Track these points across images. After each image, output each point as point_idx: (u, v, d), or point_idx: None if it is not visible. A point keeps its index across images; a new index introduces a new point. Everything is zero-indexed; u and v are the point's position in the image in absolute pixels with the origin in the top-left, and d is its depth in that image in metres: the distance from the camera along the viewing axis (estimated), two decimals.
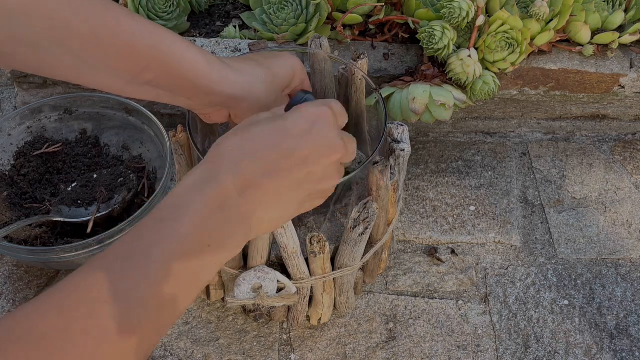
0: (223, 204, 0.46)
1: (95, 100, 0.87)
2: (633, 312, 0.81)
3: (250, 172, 0.47)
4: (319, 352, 0.76)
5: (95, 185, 0.82)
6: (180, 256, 0.43)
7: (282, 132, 0.49)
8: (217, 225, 0.46)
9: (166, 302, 0.42)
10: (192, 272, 0.44)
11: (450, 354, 0.76)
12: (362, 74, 0.71)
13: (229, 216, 0.46)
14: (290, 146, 0.48)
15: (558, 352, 0.77)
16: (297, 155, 0.48)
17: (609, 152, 0.99)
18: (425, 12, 0.87)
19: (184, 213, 0.45)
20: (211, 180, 0.47)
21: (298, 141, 0.48)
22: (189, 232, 0.44)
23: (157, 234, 0.43)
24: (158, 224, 0.44)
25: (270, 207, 0.49)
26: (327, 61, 0.73)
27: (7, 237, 0.76)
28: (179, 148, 0.65)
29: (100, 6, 0.50)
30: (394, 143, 0.67)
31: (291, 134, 0.48)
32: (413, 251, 0.86)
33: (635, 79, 0.92)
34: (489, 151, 0.99)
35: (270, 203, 0.48)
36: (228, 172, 0.47)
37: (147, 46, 0.52)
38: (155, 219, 0.45)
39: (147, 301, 0.41)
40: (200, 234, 0.45)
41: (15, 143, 0.86)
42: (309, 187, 0.50)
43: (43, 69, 0.52)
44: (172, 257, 0.43)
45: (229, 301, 0.68)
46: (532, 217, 0.91)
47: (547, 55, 0.91)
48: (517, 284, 0.83)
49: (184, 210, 0.45)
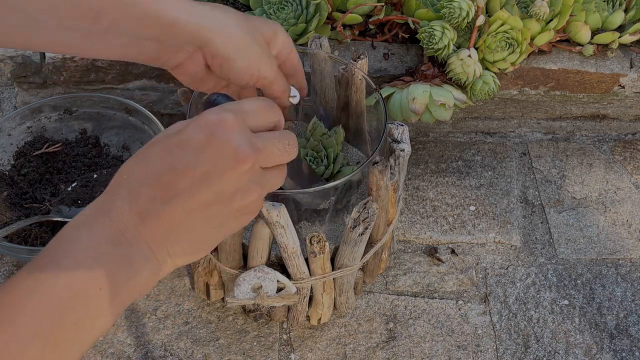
0: (118, 238, 0.40)
1: (95, 100, 0.87)
2: (633, 312, 0.81)
3: (147, 199, 0.41)
4: (319, 352, 0.76)
5: (95, 185, 0.82)
6: (59, 308, 0.38)
7: (176, 149, 0.42)
8: (110, 263, 0.40)
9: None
10: (75, 324, 0.38)
11: (450, 354, 0.76)
12: (362, 74, 0.71)
13: (127, 252, 0.41)
14: (186, 164, 0.42)
15: (558, 352, 0.77)
16: (195, 174, 0.42)
17: (609, 152, 0.99)
18: (425, 12, 0.87)
19: (65, 254, 0.39)
20: (103, 212, 0.41)
21: (194, 157, 0.42)
22: (71, 275, 0.38)
23: (33, 282, 0.38)
24: (35, 272, 0.38)
25: (181, 236, 0.43)
26: (327, 61, 0.73)
27: (7, 237, 0.76)
28: None
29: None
30: (394, 143, 0.67)
31: (186, 150, 0.42)
32: (413, 251, 0.86)
33: (635, 79, 0.92)
34: (489, 151, 0.99)
35: (179, 232, 0.42)
36: (123, 201, 0.41)
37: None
38: (33, 267, 0.39)
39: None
40: (87, 276, 0.39)
41: (15, 143, 0.86)
42: (222, 208, 0.44)
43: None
44: (47, 311, 0.37)
45: (228, 301, 0.68)
46: (532, 217, 0.91)
47: (547, 55, 0.91)
48: (517, 283, 0.83)
49: (66, 250, 0.39)
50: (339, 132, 0.76)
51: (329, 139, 0.75)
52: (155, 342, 0.76)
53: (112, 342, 0.76)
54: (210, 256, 0.69)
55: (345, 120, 0.78)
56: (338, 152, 0.75)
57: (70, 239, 0.40)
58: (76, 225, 0.41)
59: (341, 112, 0.78)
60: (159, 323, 0.78)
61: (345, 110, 0.77)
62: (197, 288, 0.76)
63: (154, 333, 0.77)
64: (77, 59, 0.86)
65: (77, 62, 0.86)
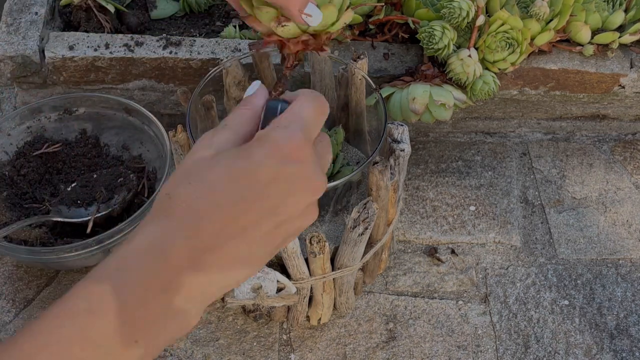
0: (169, 284, 0.37)
1: (95, 100, 0.87)
2: (633, 312, 0.81)
3: (209, 234, 0.38)
4: (319, 352, 0.76)
5: (95, 185, 0.82)
6: None
7: (244, 179, 0.39)
8: (154, 312, 0.37)
9: None
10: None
11: (450, 354, 0.76)
12: (362, 74, 0.71)
13: (171, 299, 0.37)
14: (255, 197, 0.38)
15: (558, 352, 0.77)
16: (264, 207, 0.39)
17: (609, 152, 0.99)
18: (425, 12, 0.87)
19: (107, 297, 0.36)
20: (161, 247, 0.37)
21: (265, 189, 0.39)
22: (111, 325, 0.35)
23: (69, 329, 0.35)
24: (70, 318, 0.35)
25: (225, 270, 0.39)
26: (327, 61, 0.73)
27: (7, 237, 0.76)
28: (179, 148, 0.65)
29: None
30: (394, 143, 0.67)
31: (258, 180, 0.39)
32: (413, 251, 0.86)
33: (635, 79, 0.92)
34: (489, 151, 0.99)
35: (225, 267, 0.39)
36: (181, 236, 0.37)
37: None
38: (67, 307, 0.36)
39: None
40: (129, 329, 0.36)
41: (15, 143, 0.86)
42: (278, 238, 0.41)
43: None
44: None
45: (228, 301, 0.68)
46: (532, 217, 0.90)
47: (547, 55, 0.91)
48: (517, 284, 0.83)
49: (109, 294, 0.36)
50: (339, 132, 0.76)
51: None
52: None
53: None
54: None
55: (345, 120, 0.78)
56: (338, 152, 0.75)
57: (119, 283, 0.36)
58: (125, 264, 0.37)
59: (341, 112, 0.78)
60: None
61: (345, 110, 0.77)
62: None
63: None
64: (77, 59, 0.86)
65: (77, 62, 0.86)
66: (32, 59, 0.87)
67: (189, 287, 0.38)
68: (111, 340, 0.36)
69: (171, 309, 0.37)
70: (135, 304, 0.36)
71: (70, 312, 0.36)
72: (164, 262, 0.37)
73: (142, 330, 0.37)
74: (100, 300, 0.36)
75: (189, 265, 0.37)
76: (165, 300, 0.37)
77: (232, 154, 0.40)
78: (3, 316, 0.78)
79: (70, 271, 0.82)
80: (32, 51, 0.86)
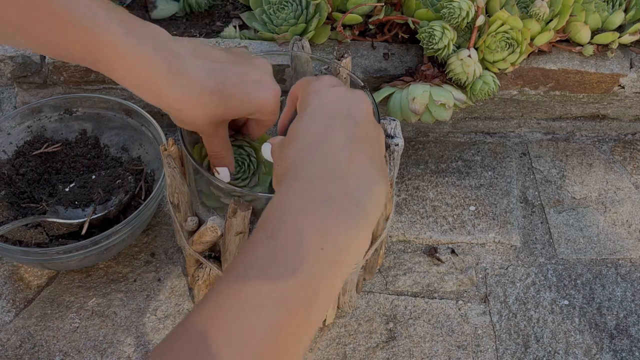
0: None
1: (95, 101, 0.87)
2: (633, 312, 0.81)
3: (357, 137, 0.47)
4: (319, 352, 0.76)
5: (93, 186, 0.81)
6: None
7: (367, 142, 0.48)
8: None
9: None
10: None
11: (450, 354, 0.76)
12: (347, 72, 0.71)
13: None
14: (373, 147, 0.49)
15: (558, 352, 0.77)
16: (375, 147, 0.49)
17: (609, 152, 0.99)
18: (425, 12, 0.87)
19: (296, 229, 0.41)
20: None
21: (377, 142, 0.49)
22: None
23: None
24: None
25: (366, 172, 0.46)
26: (309, 62, 0.73)
27: (3, 237, 0.76)
28: (171, 161, 0.62)
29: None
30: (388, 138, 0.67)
31: (373, 142, 0.48)
32: (413, 251, 0.86)
33: (635, 79, 0.92)
34: (489, 151, 0.99)
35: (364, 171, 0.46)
36: None
37: None
38: None
39: None
40: None
41: (15, 142, 0.86)
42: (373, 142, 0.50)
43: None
44: None
45: None
46: (532, 217, 0.91)
47: (547, 55, 0.91)
48: (517, 284, 0.83)
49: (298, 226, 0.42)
50: None
51: None
52: (155, 342, 0.76)
53: (112, 342, 0.75)
54: (210, 266, 0.69)
55: None
56: None
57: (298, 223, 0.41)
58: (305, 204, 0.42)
59: None
60: (159, 323, 0.77)
61: None
62: (198, 301, 0.76)
63: (154, 333, 0.76)
64: None
65: None
66: (33, 59, 0.87)
67: None
68: None
69: None
70: None
71: None
72: None
73: None
74: None
75: None
76: None
77: (342, 112, 0.49)
78: (3, 316, 0.78)
79: (71, 271, 0.82)
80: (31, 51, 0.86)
